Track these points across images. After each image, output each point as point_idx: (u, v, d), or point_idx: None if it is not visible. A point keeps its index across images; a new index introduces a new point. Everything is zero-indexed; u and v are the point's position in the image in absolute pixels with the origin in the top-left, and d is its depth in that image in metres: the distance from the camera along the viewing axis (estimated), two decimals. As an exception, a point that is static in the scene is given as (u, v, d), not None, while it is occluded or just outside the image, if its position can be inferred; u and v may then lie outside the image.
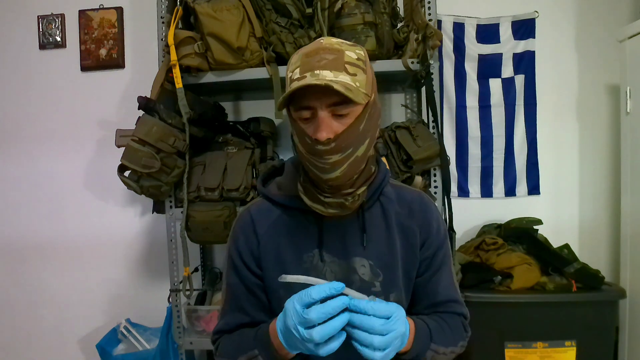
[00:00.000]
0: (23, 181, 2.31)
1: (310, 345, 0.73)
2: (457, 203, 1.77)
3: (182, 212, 1.69)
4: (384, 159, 1.67)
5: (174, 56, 1.63)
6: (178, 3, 1.76)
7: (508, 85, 2.12)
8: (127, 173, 1.66)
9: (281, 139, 2.13)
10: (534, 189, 2.14)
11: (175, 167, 1.67)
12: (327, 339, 0.72)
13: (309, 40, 1.64)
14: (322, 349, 0.73)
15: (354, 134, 0.79)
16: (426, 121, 1.75)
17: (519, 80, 2.12)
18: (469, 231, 2.13)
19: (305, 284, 0.75)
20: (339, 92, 0.73)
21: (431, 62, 1.62)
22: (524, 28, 2.10)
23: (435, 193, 1.69)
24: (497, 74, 2.13)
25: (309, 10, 1.67)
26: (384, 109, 2.12)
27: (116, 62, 2.23)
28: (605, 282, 1.79)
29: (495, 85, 2.13)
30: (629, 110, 1.84)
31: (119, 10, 2.22)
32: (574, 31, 2.11)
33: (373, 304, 0.74)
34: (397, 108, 2.12)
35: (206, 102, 1.89)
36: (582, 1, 2.10)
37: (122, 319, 2.06)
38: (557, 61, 2.12)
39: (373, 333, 0.73)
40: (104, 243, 2.27)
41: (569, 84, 2.12)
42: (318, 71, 0.76)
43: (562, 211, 2.13)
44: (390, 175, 0.98)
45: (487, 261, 1.84)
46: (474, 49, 2.12)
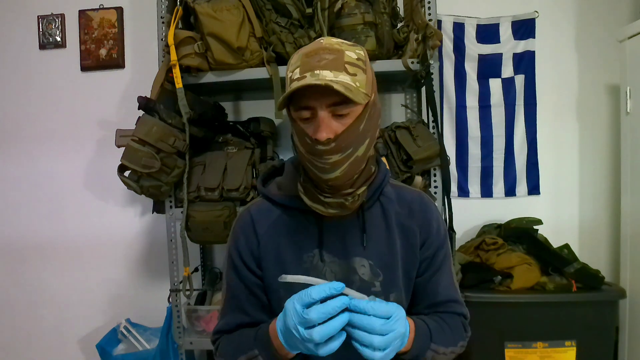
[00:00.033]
0: (23, 181, 2.31)
1: (310, 345, 0.73)
2: (457, 203, 1.77)
3: (182, 212, 1.69)
4: (384, 159, 1.67)
5: (174, 56, 1.63)
6: (178, 3, 1.76)
7: (508, 85, 2.12)
8: (127, 173, 1.66)
9: (281, 139, 2.13)
10: (534, 189, 2.14)
11: (175, 167, 1.67)
12: (327, 339, 0.72)
13: (309, 40, 1.64)
14: (322, 349, 0.73)
15: (354, 134, 0.79)
16: (426, 121, 1.75)
17: (519, 80, 2.12)
18: (469, 231, 2.13)
19: (306, 284, 0.75)
20: (339, 92, 0.73)
21: (431, 62, 1.63)
22: (524, 28, 2.10)
23: (435, 193, 1.68)
24: (497, 74, 2.13)
25: (309, 10, 1.67)
26: (384, 109, 2.12)
27: (116, 62, 2.23)
28: (605, 282, 1.79)
29: (495, 85, 2.13)
30: (629, 110, 1.84)
31: (119, 10, 2.22)
32: (574, 31, 2.11)
33: (373, 304, 0.74)
34: (397, 108, 2.12)
35: (206, 102, 1.89)
36: (582, 1, 2.10)
37: (122, 319, 2.06)
38: (557, 61, 2.12)
39: (373, 333, 0.73)
40: (104, 243, 2.27)
41: (569, 84, 2.12)
42: (318, 71, 0.76)
43: (562, 211, 2.13)
44: (390, 175, 0.98)
45: (487, 261, 1.84)
46: (474, 49, 2.12)
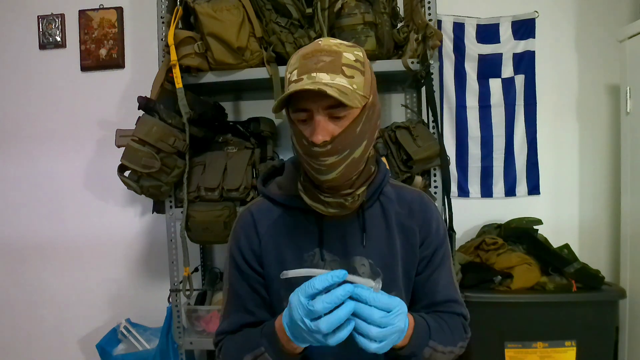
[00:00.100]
0: (23, 181, 2.31)
1: (318, 336, 0.72)
2: (457, 203, 1.77)
3: (182, 212, 1.69)
4: (384, 159, 1.67)
5: (174, 56, 1.63)
6: (178, 3, 1.76)
7: (508, 85, 2.12)
8: (127, 173, 1.66)
9: (281, 139, 2.12)
10: (534, 189, 2.14)
11: (175, 167, 1.67)
12: (335, 328, 0.71)
13: (309, 40, 1.64)
14: (330, 339, 0.71)
15: (350, 136, 0.79)
16: (426, 121, 1.75)
17: (519, 80, 2.12)
18: (469, 231, 2.13)
19: (308, 279, 0.74)
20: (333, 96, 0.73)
21: (431, 62, 1.62)
22: (524, 28, 2.10)
23: (435, 193, 1.68)
24: (497, 74, 2.13)
25: (309, 10, 1.67)
26: (384, 109, 2.12)
27: (116, 62, 2.23)
28: (605, 282, 1.79)
29: (495, 85, 2.13)
30: (629, 110, 1.84)
31: (119, 10, 2.22)
32: (574, 31, 2.11)
33: (376, 296, 0.72)
34: (397, 108, 2.12)
35: (206, 102, 1.89)
36: (582, 1, 2.10)
37: (122, 319, 2.06)
38: (557, 61, 2.12)
39: (371, 324, 0.72)
40: (104, 243, 2.27)
41: (569, 84, 2.12)
42: (315, 74, 0.76)
43: (562, 211, 2.13)
44: (390, 175, 0.98)
45: (487, 261, 1.84)
46: (474, 49, 2.12)
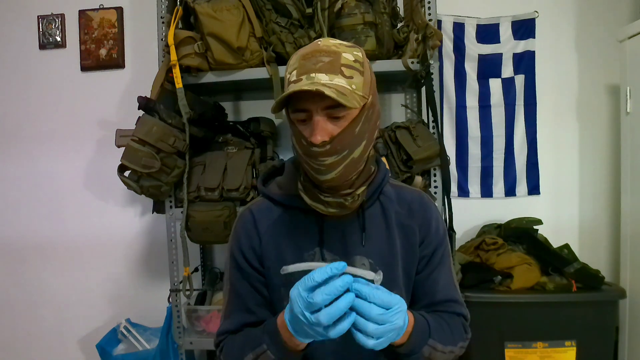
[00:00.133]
0: (23, 181, 2.31)
1: (319, 329, 0.71)
2: (457, 203, 1.77)
3: (182, 212, 1.69)
4: (384, 159, 1.67)
5: (174, 56, 1.63)
6: (178, 3, 1.76)
7: (508, 85, 2.12)
8: (127, 173, 1.66)
9: (281, 139, 2.12)
10: (534, 189, 2.14)
11: (175, 167, 1.67)
12: (336, 320, 0.70)
13: (309, 40, 1.64)
14: (331, 331, 0.71)
15: (349, 136, 0.79)
16: (426, 121, 1.75)
17: (519, 80, 2.12)
18: (469, 231, 2.13)
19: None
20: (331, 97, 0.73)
21: (431, 62, 1.62)
22: (524, 28, 2.10)
23: (435, 193, 1.68)
24: (497, 74, 2.13)
25: (309, 10, 1.67)
26: (384, 109, 2.12)
27: (116, 62, 2.23)
28: (605, 282, 1.79)
29: (495, 85, 2.13)
30: (629, 110, 1.84)
31: (119, 10, 2.22)
32: (574, 31, 2.11)
33: (376, 292, 0.72)
34: (397, 108, 2.12)
35: (206, 102, 1.89)
36: (582, 1, 2.10)
37: (122, 319, 2.06)
38: (557, 61, 2.12)
39: (369, 320, 0.71)
40: (104, 243, 2.27)
41: (569, 84, 2.12)
42: (314, 74, 0.76)
43: (562, 211, 2.13)
44: (390, 175, 0.98)
45: (487, 261, 1.84)
46: (474, 49, 2.12)
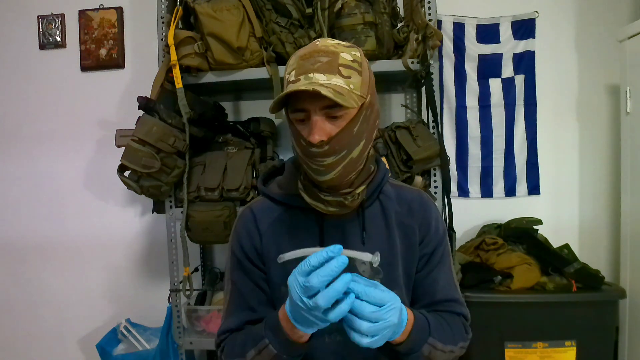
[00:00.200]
0: (23, 181, 2.31)
1: (318, 313, 0.70)
2: (457, 203, 1.77)
3: (182, 212, 1.69)
4: (384, 159, 1.67)
5: (174, 56, 1.63)
6: (178, 3, 1.76)
7: (508, 85, 2.12)
8: (127, 173, 1.66)
9: (281, 139, 2.12)
10: (534, 189, 2.14)
11: (175, 167, 1.67)
12: (335, 303, 0.69)
13: (309, 40, 1.64)
14: (331, 314, 0.70)
15: (348, 135, 0.79)
16: (426, 121, 1.75)
17: (519, 80, 2.12)
18: (469, 231, 2.13)
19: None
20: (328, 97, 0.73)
21: (431, 62, 1.63)
22: (524, 28, 2.10)
23: (435, 193, 1.68)
24: (497, 74, 2.13)
25: (309, 10, 1.67)
26: (384, 109, 2.12)
27: (116, 62, 2.23)
28: (605, 282, 1.79)
29: (495, 85, 2.13)
30: (629, 110, 1.84)
31: (119, 10, 2.22)
32: (574, 31, 2.11)
33: (368, 290, 0.71)
34: (397, 108, 2.12)
35: (206, 102, 1.89)
36: (582, 1, 2.10)
37: (122, 319, 2.06)
38: (557, 61, 2.12)
39: (362, 319, 0.71)
40: (104, 243, 2.27)
41: (569, 84, 2.12)
42: (312, 74, 0.76)
43: (562, 211, 2.13)
44: (389, 175, 0.98)
45: (487, 261, 1.84)
46: (474, 49, 2.12)
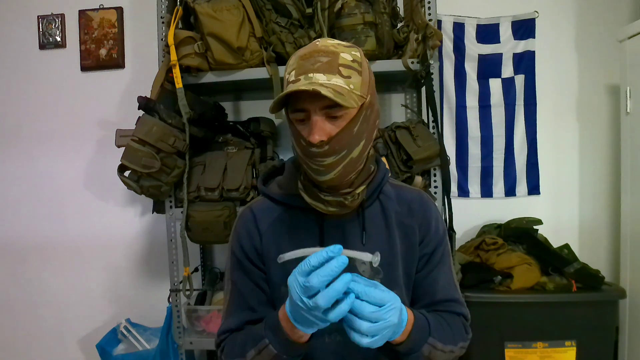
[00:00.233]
0: (23, 181, 2.31)
1: (318, 313, 0.70)
2: (457, 203, 1.77)
3: (182, 212, 1.69)
4: (384, 159, 1.67)
5: (174, 56, 1.63)
6: (178, 3, 1.76)
7: (508, 85, 2.12)
8: (127, 173, 1.66)
9: (281, 139, 2.13)
10: (534, 189, 2.14)
11: (175, 167, 1.67)
12: (335, 303, 0.69)
13: (309, 40, 1.64)
14: (331, 314, 0.70)
15: (348, 136, 0.79)
16: (426, 121, 1.75)
17: (519, 80, 2.12)
18: (469, 231, 2.13)
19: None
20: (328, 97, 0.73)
21: (431, 62, 1.63)
22: (524, 28, 2.10)
23: (435, 193, 1.68)
24: (497, 74, 2.13)
25: (309, 10, 1.67)
26: (384, 109, 2.12)
27: (116, 62, 2.23)
28: (605, 282, 1.79)
29: (495, 85, 2.13)
30: (629, 110, 1.84)
31: (119, 10, 2.22)
32: (574, 31, 2.11)
33: (368, 290, 0.71)
34: (397, 108, 2.12)
35: (206, 102, 1.89)
36: (582, 1, 2.10)
37: (122, 319, 2.06)
38: (557, 61, 2.12)
39: (362, 319, 0.71)
40: (104, 243, 2.27)
41: (569, 84, 2.12)
42: (312, 74, 0.76)
43: (562, 211, 2.13)
44: (389, 175, 0.98)
45: (487, 261, 1.84)
46: (474, 49, 2.12)
